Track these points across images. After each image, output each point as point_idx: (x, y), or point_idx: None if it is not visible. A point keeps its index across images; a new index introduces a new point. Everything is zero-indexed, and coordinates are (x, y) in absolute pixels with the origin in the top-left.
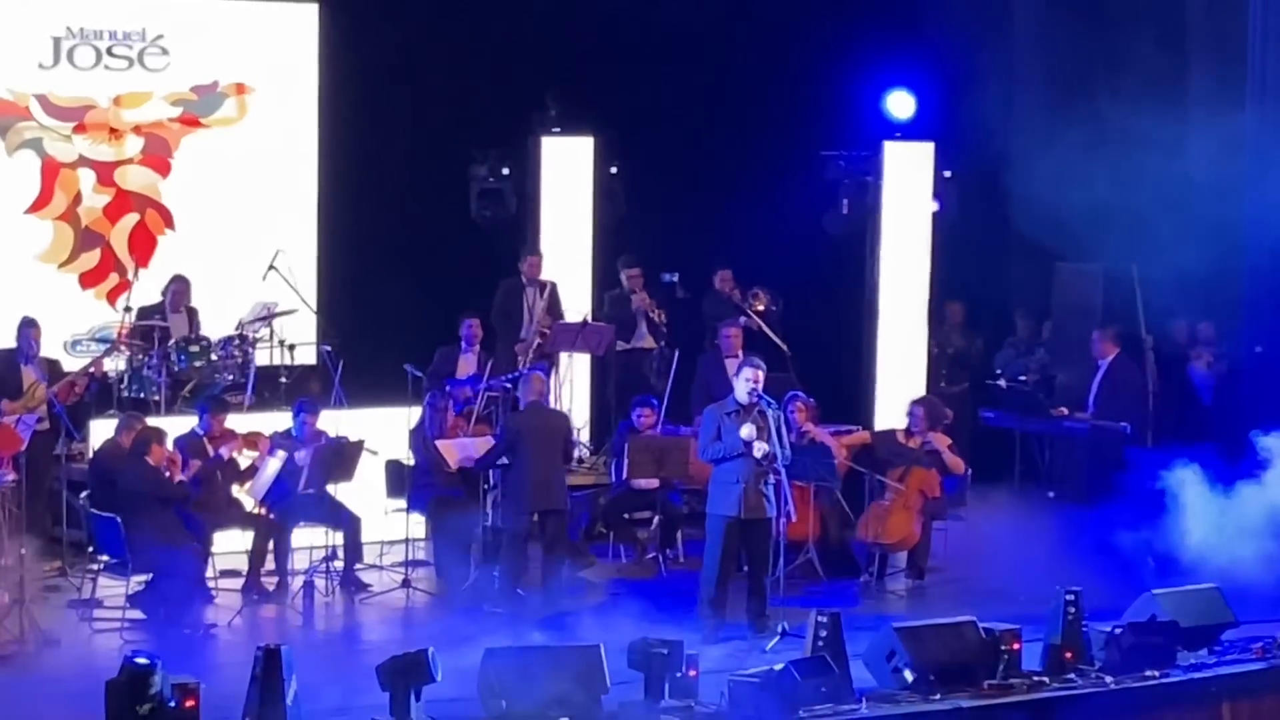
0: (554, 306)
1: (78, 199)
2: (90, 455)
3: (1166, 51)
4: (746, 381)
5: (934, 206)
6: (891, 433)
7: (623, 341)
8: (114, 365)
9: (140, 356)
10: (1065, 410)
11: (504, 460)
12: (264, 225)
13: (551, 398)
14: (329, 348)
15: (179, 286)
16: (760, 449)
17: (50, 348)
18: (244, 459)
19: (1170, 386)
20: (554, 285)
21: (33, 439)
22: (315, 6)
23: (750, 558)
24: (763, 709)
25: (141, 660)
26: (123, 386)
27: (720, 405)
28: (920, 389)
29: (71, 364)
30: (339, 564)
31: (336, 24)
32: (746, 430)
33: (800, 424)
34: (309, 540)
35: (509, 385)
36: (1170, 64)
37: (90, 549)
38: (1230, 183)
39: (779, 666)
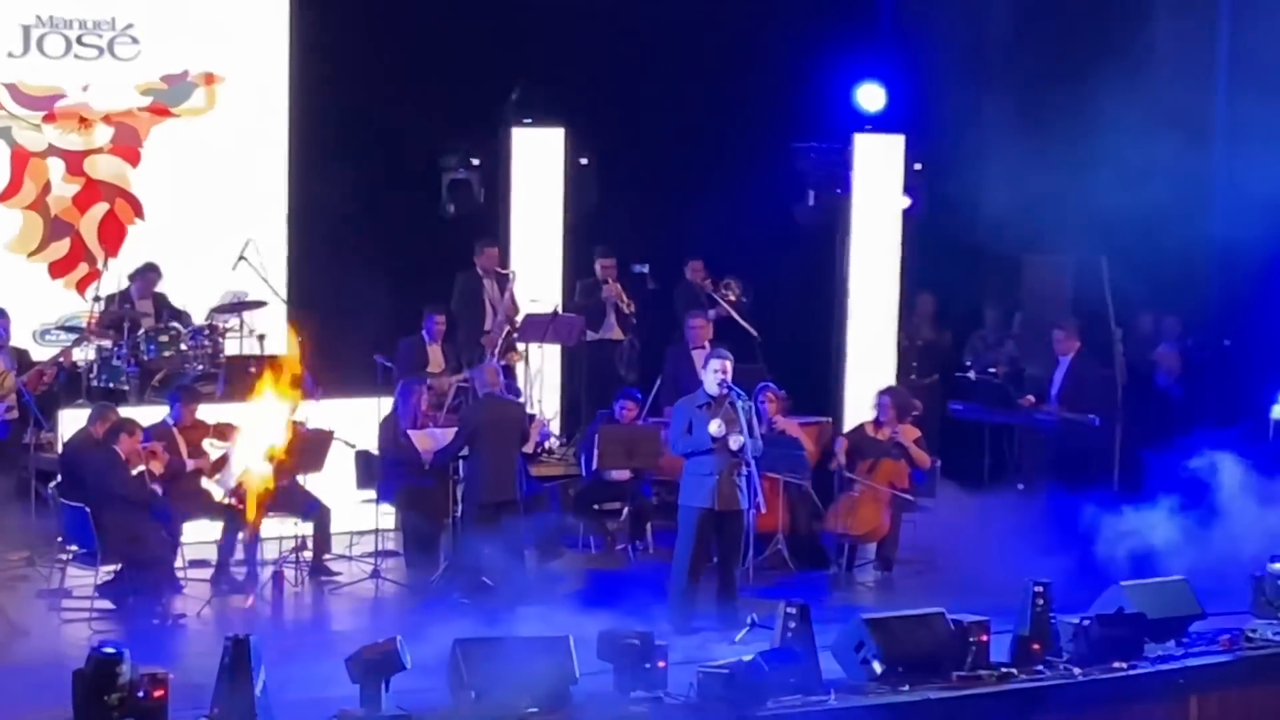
0: (513, 297)
1: (47, 188)
2: (60, 445)
3: (1136, 45)
4: (715, 373)
5: (906, 202)
6: (860, 427)
7: (591, 332)
8: (83, 355)
9: (109, 346)
10: (1033, 399)
11: (464, 452)
12: (234, 215)
13: (521, 388)
14: (299, 338)
15: (151, 276)
16: (736, 442)
17: (19, 337)
18: (214, 450)
19: (1138, 380)
20: (513, 275)
21: (1, 428)
22: None
23: (722, 549)
24: (731, 700)
25: (109, 650)
26: (92, 376)
27: (691, 398)
28: (890, 381)
29: (40, 353)
30: (308, 554)
31: (307, 14)
32: (715, 426)
33: (771, 415)
34: (278, 531)
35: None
36: (1140, 57)
37: (59, 539)
38: (1200, 176)
39: (748, 658)
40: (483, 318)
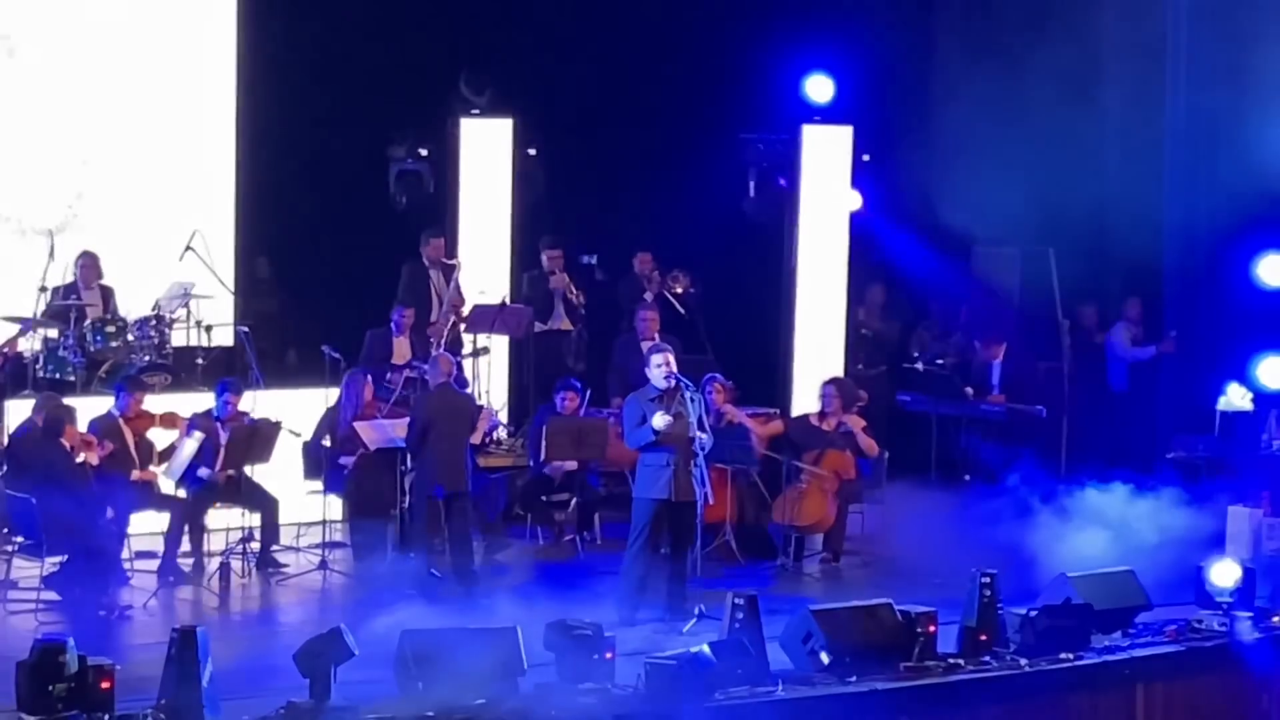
0: (458, 288)
1: None
2: (5, 436)
3: (1086, 35)
4: (659, 367)
5: (856, 200)
6: (804, 418)
7: (540, 322)
8: (29, 345)
9: (56, 336)
10: (972, 391)
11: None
12: (181, 206)
13: (469, 378)
14: (246, 329)
15: (87, 262)
16: (701, 439)
17: None
18: (161, 440)
19: (1084, 371)
20: (458, 266)
21: None
22: None
23: (674, 540)
24: (679, 692)
25: (55, 642)
26: (38, 366)
27: (642, 392)
28: (838, 371)
29: None
30: (256, 545)
31: (255, 3)
32: (660, 420)
33: (718, 406)
34: (226, 522)
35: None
36: (1090, 48)
37: (5, 530)
38: (1149, 167)
39: (696, 649)
40: (429, 309)
